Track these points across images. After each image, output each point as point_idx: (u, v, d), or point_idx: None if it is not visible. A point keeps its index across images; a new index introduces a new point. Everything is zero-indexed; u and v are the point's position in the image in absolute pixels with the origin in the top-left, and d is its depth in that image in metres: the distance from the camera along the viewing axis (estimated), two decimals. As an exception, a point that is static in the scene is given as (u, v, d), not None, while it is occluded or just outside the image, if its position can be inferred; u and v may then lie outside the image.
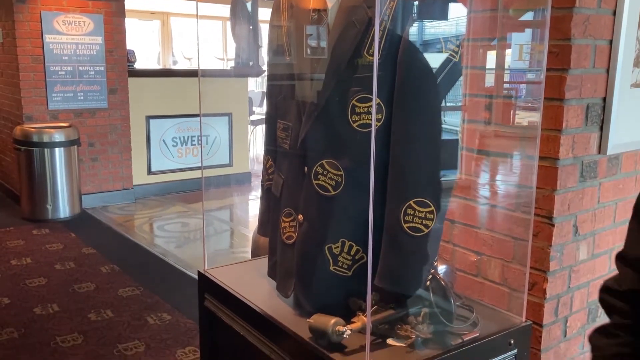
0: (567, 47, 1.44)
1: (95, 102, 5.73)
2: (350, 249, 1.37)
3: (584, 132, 1.55)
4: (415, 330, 1.31)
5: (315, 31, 1.43)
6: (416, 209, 1.28)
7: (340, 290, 1.39)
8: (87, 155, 5.75)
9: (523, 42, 1.67)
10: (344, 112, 1.32)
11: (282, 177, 1.53)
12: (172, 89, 6.27)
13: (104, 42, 5.69)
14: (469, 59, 1.67)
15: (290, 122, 1.48)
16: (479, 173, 1.69)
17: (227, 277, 1.68)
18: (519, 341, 1.39)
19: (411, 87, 1.28)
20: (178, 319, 3.31)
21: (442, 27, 1.46)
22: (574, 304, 1.65)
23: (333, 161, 1.35)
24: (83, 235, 4.89)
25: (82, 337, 3.07)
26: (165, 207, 5.99)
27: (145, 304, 3.53)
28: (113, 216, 5.56)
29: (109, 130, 5.87)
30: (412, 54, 1.29)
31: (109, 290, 3.74)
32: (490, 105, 1.66)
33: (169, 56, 10.75)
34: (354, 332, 1.26)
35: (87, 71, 5.64)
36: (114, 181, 5.98)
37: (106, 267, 4.16)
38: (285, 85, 1.57)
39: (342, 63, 1.33)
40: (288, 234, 1.49)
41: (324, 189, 1.36)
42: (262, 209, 1.71)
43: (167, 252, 4.57)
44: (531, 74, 1.67)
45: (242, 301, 1.53)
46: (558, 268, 1.56)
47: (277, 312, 1.45)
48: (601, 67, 1.55)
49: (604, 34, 1.52)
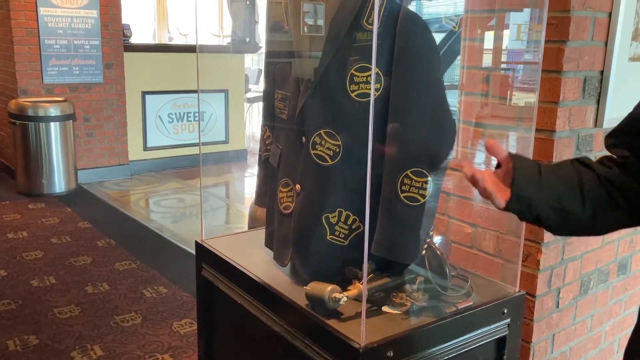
0: (566, 19, 1.44)
1: (90, 76, 5.69)
2: (347, 218, 1.38)
3: (581, 105, 1.55)
4: (410, 298, 1.32)
5: (313, 9, 1.43)
6: (413, 178, 1.29)
7: (336, 259, 1.40)
8: (83, 130, 5.72)
9: (521, 22, 1.67)
10: (343, 82, 1.32)
11: (279, 148, 1.54)
12: (168, 65, 6.22)
13: (99, 15, 5.62)
14: (467, 32, 1.67)
15: (289, 92, 1.48)
16: (475, 145, 1.70)
17: (225, 247, 1.69)
18: (512, 311, 1.42)
19: (410, 56, 1.28)
20: (174, 292, 3.34)
21: (441, 5, 1.46)
22: (567, 275, 1.68)
23: (331, 131, 1.36)
24: (79, 210, 4.90)
25: (78, 309, 3.09)
26: (161, 183, 5.99)
27: (142, 277, 3.55)
28: (109, 191, 5.55)
29: (105, 106, 5.83)
30: (412, 23, 1.29)
31: (105, 263, 3.76)
32: (488, 78, 1.66)
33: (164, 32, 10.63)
34: (350, 299, 1.28)
35: (83, 45, 5.59)
36: (109, 157, 5.97)
37: (102, 241, 4.17)
38: (283, 56, 1.57)
39: (341, 32, 1.32)
40: (285, 204, 1.50)
41: (322, 159, 1.37)
42: (260, 179, 1.72)
43: (163, 227, 4.58)
44: (529, 54, 1.67)
45: (239, 270, 1.54)
46: (552, 240, 1.58)
47: (274, 280, 1.47)
48: (600, 40, 1.55)
49: (603, 6, 1.52)
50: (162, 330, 2.89)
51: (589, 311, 1.82)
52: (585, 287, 1.77)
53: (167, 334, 2.86)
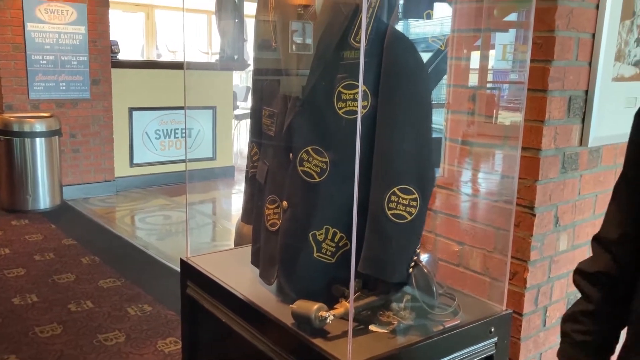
0: (551, 39, 1.46)
1: (77, 92, 5.66)
2: (334, 236, 1.38)
3: (566, 123, 1.57)
4: (397, 316, 1.31)
5: (301, 27, 1.44)
6: (400, 196, 1.29)
7: (323, 277, 1.39)
8: (69, 146, 5.68)
9: (507, 42, 1.69)
10: (330, 99, 1.32)
11: (266, 164, 1.53)
12: (156, 81, 6.21)
13: (87, 32, 5.62)
14: (454, 52, 1.68)
15: (276, 109, 1.48)
16: (462, 163, 1.70)
17: (210, 264, 1.67)
18: (499, 329, 1.41)
19: (397, 74, 1.29)
20: (159, 310, 3.29)
21: (428, 24, 1.47)
22: (554, 293, 1.68)
23: (318, 148, 1.35)
24: (63, 226, 4.84)
25: (61, 327, 3.04)
26: (147, 199, 5.94)
27: (126, 295, 3.50)
28: (94, 208, 5.50)
29: (91, 122, 5.80)
30: (399, 42, 1.30)
31: (89, 281, 3.70)
32: (474, 97, 1.67)
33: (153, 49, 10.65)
34: (336, 317, 1.26)
35: (70, 61, 5.57)
36: (95, 173, 5.92)
37: (87, 258, 4.12)
38: (271, 74, 1.57)
39: (328, 49, 1.32)
40: (272, 221, 1.48)
41: (309, 176, 1.36)
42: (247, 196, 1.71)
43: (149, 245, 4.53)
44: (514, 74, 1.69)
45: (224, 288, 1.52)
46: (539, 258, 1.58)
47: (259, 298, 1.45)
48: (584, 60, 1.57)
49: (587, 27, 1.54)
50: (146, 349, 2.84)
51: (575, 330, 1.82)
52: (572, 305, 1.77)
53: (151, 352, 2.81)
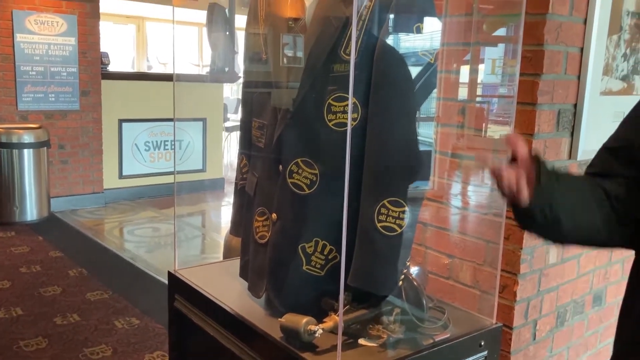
0: (540, 53, 1.47)
1: (66, 103, 5.63)
2: (323, 248, 1.37)
3: (556, 137, 1.57)
4: (387, 330, 1.30)
5: (292, 40, 1.44)
6: (390, 208, 1.28)
7: (312, 290, 1.38)
8: (57, 157, 5.64)
9: (496, 57, 1.70)
10: (320, 111, 1.32)
11: (256, 176, 1.52)
12: (146, 93, 6.20)
13: (77, 43, 5.60)
14: (443, 65, 1.69)
15: (266, 121, 1.47)
16: (452, 176, 1.70)
17: (198, 277, 1.65)
18: (489, 343, 1.40)
19: (387, 86, 1.29)
20: (147, 323, 3.25)
21: (417, 38, 1.47)
22: (544, 307, 1.67)
23: (308, 160, 1.35)
24: (50, 238, 4.79)
25: (46, 341, 2.99)
26: (136, 211, 5.90)
27: (114, 308, 3.46)
28: (82, 220, 5.45)
29: (81, 133, 5.77)
30: (389, 55, 1.30)
31: (76, 294, 3.66)
32: (464, 110, 1.68)
33: (143, 61, 10.64)
34: (325, 331, 1.25)
35: (59, 72, 5.55)
36: (84, 184, 5.88)
37: (74, 270, 4.07)
38: (261, 86, 1.56)
39: (318, 61, 1.32)
40: (261, 234, 1.47)
41: (299, 188, 1.36)
42: (235, 208, 1.70)
43: (137, 257, 4.49)
44: (503, 88, 1.70)
45: (212, 301, 1.51)
46: (528, 271, 1.58)
47: (248, 312, 1.43)
48: (572, 74, 1.58)
49: (575, 41, 1.55)
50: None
51: (565, 343, 1.82)
52: (562, 318, 1.77)
53: (138, 367, 2.78)
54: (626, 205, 1.05)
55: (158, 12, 9.65)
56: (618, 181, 1.07)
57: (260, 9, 1.51)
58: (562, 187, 1.04)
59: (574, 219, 1.04)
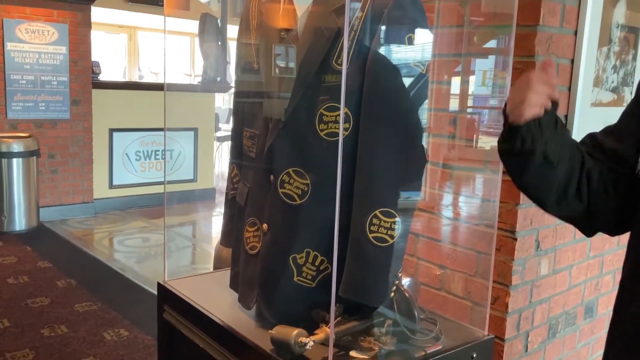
0: (531, 64, 1.47)
1: (57, 112, 5.60)
2: (315, 259, 1.36)
3: (546, 148, 1.57)
4: (378, 342, 1.29)
5: (284, 51, 1.44)
6: (382, 218, 1.27)
7: (303, 302, 1.37)
8: (47, 166, 5.60)
9: (486, 69, 1.71)
10: (312, 121, 1.31)
11: (247, 186, 1.51)
12: (137, 102, 6.18)
13: (69, 52, 5.58)
14: (435, 76, 1.69)
15: (257, 131, 1.47)
16: (443, 187, 1.70)
17: (188, 288, 1.64)
18: (481, 355, 1.39)
19: (378, 96, 1.28)
20: (136, 335, 3.22)
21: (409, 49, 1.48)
22: (535, 318, 1.67)
23: (300, 169, 1.34)
24: (39, 248, 4.74)
25: (33, 353, 2.95)
26: (126, 221, 5.86)
27: (103, 319, 3.42)
28: (72, 230, 5.40)
29: (71, 142, 5.73)
30: (381, 64, 1.30)
31: (64, 305, 3.61)
32: (455, 120, 1.68)
33: (135, 70, 10.63)
34: (316, 343, 1.24)
35: (50, 81, 5.52)
36: (74, 194, 5.83)
37: (62, 281, 4.03)
38: (252, 96, 1.56)
39: (310, 71, 1.32)
40: (252, 244, 1.46)
41: (290, 198, 1.35)
42: (226, 218, 1.68)
43: (127, 267, 4.45)
44: (494, 99, 1.71)
45: (202, 313, 1.49)
46: (520, 282, 1.58)
47: (238, 324, 1.42)
48: (563, 86, 1.58)
49: (566, 52, 1.56)
50: (121, 376, 2.77)
51: (557, 355, 1.81)
52: (554, 330, 1.76)
53: (126, 379, 2.74)
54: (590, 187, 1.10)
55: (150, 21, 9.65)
56: (595, 163, 1.11)
57: (252, 19, 1.51)
58: (556, 133, 1.07)
59: (546, 160, 1.07)
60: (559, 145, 1.08)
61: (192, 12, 6.57)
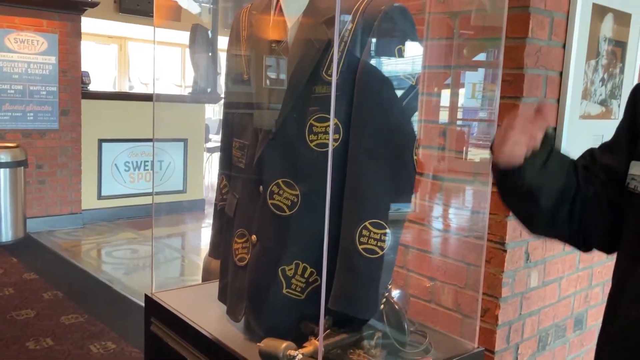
0: (520, 76, 1.48)
1: (45, 122, 5.56)
2: (304, 271, 1.34)
3: (536, 160, 1.58)
4: (368, 355, 1.28)
5: (275, 62, 1.43)
6: (371, 230, 1.27)
7: (292, 314, 1.35)
8: (35, 177, 5.55)
9: (476, 81, 1.72)
10: (302, 132, 1.31)
11: (236, 197, 1.50)
12: (126, 113, 6.15)
13: (58, 62, 5.56)
14: (425, 87, 1.70)
15: (247, 141, 1.46)
16: (433, 198, 1.70)
17: (176, 300, 1.62)
18: (471, 367, 1.38)
19: (369, 107, 1.28)
20: (123, 347, 3.18)
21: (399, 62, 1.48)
22: (525, 331, 1.66)
23: (289, 180, 1.33)
24: (25, 260, 4.68)
25: (18, 367, 2.90)
26: (115, 232, 5.81)
27: (89, 332, 3.38)
28: (59, 241, 5.35)
29: (59, 152, 5.69)
30: (371, 75, 1.30)
31: (50, 317, 3.56)
32: (445, 132, 1.68)
33: (125, 81, 10.60)
34: (305, 356, 1.22)
35: (39, 91, 5.49)
36: (61, 205, 5.78)
37: (49, 293, 3.98)
38: (242, 106, 1.55)
39: (301, 82, 1.32)
40: (240, 256, 1.45)
41: (279, 209, 1.34)
42: (215, 230, 1.67)
43: (115, 279, 4.41)
44: (483, 112, 1.71)
45: (190, 325, 1.47)
46: (510, 294, 1.57)
47: (226, 336, 1.40)
48: (552, 98, 1.59)
49: (554, 65, 1.57)
50: (107, 390, 2.73)
51: (547, 367, 1.81)
52: (543, 342, 1.76)
53: (112, 393, 2.70)
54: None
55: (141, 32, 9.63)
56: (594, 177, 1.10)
57: (242, 30, 1.50)
58: (545, 168, 1.06)
59: (530, 192, 1.06)
60: (547, 179, 1.06)
61: (183, 23, 6.55)
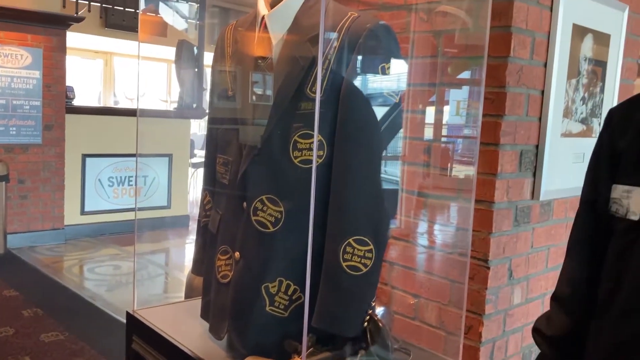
0: (502, 95, 1.50)
1: (28, 137, 5.51)
2: (287, 288, 1.34)
3: (518, 177, 1.59)
4: (351, 373, 1.27)
5: (260, 79, 1.44)
6: (355, 247, 1.26)
7: (275, 332, 1.34)
8: (16, 192, 5.48)
9: (460, 99, 1.74)
10: (286, 148, 1.31)
11: (219, 213, 1.49)
12: (111, 128, 6.12)
13: (42, 76, 5.52)
14: (409, 105, 1.71)
15: (231, 157, 1.45)
16: (418, 215, 1.70)
17: (158, 318, 1.60)
18: (455, 385, 1.38)
19: (352, 124, 1.29)
20: (104, 366, 3.13)
21: (384, 79, 1.49)
22: (509, 348, 1.66)
23: (273, 197, 1.33)
24: (5, 276, 4.60)
25: (-5, 386, 2.84)
26: (98, 248, 5.74)
27: (70, 350, 3.32)
28: (40, 257, 5.27)
29: (42, 167, 5.63)
30: (353, 95, 1.30)
31: (30, 335, 3.50)
32: (429, 149, 1.69)
33: (110, 96, 10.56)
34: (288, 374, 1.21)
35: (22, 105, 5.44)
36: (43, 220, 5.71)
37: (29, 310, 3.91)
38: (227, 122, 1.55)
39: (285, 99, 1.32)
40: (223, 273, 1.44)
41: (263, 226, 1.33)
42: (198, 246, 1.66)
43: (97, 296, 4.35)
44: (467, 129, 1.73)
45: (172, 343, 1.45)
46: (493, 311, 1.58)
47: (209, 354, 1.39)
48: (534, 116, 1.61)
49: (536, 84, 1.59)
50: (87, 409, 2.68)
51: (531, 385, 1.80)
52: (527, 359, 1.76)
53: (92, 413, 2.65)
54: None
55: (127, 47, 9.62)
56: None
57: (227, 46, 1.51)
58: None
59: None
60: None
61: (169, 39, 6.56)
